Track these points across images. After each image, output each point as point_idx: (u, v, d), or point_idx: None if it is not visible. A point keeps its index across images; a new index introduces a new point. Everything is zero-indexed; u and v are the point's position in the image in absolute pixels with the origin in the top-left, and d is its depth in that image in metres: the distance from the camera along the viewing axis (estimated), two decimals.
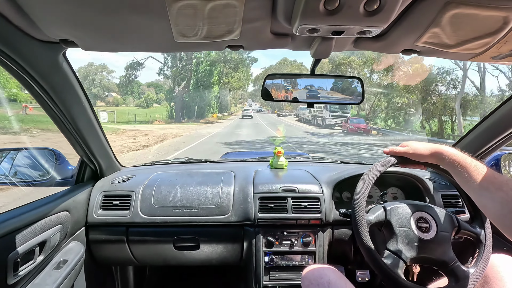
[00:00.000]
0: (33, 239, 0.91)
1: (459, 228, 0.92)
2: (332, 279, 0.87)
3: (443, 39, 0.72)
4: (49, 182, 1.24)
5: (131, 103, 52.39)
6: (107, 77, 55.06)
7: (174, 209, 1.24)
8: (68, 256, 1.09)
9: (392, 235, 0.90)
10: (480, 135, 1.25)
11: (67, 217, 1.10)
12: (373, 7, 0.54)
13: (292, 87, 1.02)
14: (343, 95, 1.04)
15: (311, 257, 1.25)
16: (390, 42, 0.77)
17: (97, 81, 52.02)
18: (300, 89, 1.01)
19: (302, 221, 1.24)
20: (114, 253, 1.30)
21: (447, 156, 0.79)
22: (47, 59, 0.83)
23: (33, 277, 0.95)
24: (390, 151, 0.93)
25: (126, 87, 40.93)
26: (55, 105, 0.96)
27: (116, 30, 0.70)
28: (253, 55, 40.03)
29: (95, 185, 1.32)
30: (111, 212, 1.25)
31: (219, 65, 32.19)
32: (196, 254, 1.30)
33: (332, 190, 1.31)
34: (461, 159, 0.76)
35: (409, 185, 1.39)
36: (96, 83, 51.69)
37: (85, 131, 1.12)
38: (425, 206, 0.96)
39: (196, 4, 0.59)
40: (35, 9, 0.63)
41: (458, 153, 0.79)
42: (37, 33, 0.73)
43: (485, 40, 0.71)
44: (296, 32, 0.64)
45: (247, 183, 1.34)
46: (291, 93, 1.01)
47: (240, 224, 1.25)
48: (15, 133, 10.83)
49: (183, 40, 0.74)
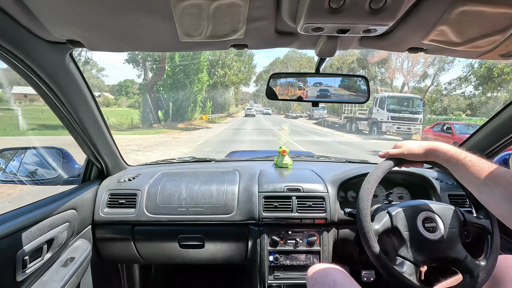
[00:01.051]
0: (41, 236, 0.92)
1: (465, 222, 0.91)
2: (337, 279, 0.87)
3: (451, 37, 0.71)
4: (57, 180, 1.26)
5: (123, 103, 46.00)
6: (97, 75, 50.22)
7: (179, 208, 1.25)
8: (75, 254, 1.11)
9: (401, 241, 0.89)
10: (488, 135, 1.23)
11: (74, 215, 1.12)
12: (378, 5, 0.54)
13: (303, 84, 1.01)
14: (350, 93, 1.04)
15: (316, 257, 1.24)
16: (396, 40, 0.76)
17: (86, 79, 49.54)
18: (310, 87, 1.01)
19: (307, 220, 1.24)
20: (120, 251, 1.31)
21: (441, 153, 0.78)
22: (54, 59, 0.84)
23: (41, 274, 0.96)
24: (385, 154, 0.91)
25: (120, 87, 36.74)
26: (62, 104, 0.97)
27: (122, 30, 0.71)
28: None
29: (102, 184, 1.34)
30: (117, 210, 1.26)
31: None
32: (201, 253, 1.30)
33: (337, 189, 1.30)
34: (455, 154, 0.76)
35: (415, 184, 1.37)
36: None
37: (92, 130, 1.14)
38: (429, 204, 0.95)
39: (200, 3, 0.59)
40: (43, 10, 0.64)
41: (453, 148, 0.78)
42: (45, 33, 0.74)
43: (494, 38, 0.69)
44: (301, 30, 0.64)
45: (251, 182, 1.34)
46: (304, 91, 1.00)
47: (244, 223, 1.26)
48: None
49: (188, 40, 0.75)
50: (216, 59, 25.67)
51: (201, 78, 20.60)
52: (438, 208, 0.94)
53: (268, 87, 1.00)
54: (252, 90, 62.46)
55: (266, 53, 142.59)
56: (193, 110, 22.02)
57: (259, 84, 56.83)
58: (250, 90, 64.07)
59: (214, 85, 26.51)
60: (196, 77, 20.14)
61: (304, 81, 1.01)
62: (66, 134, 1.13)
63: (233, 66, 26.28)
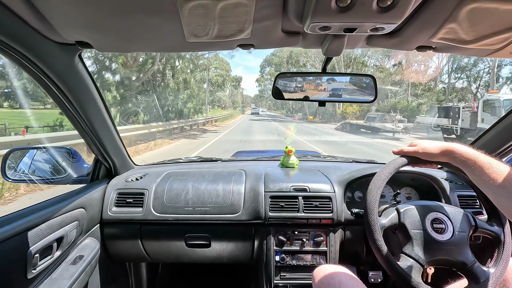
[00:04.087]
0: (51, 235, 0.94)
1: (476, 227, 0.89)
2: (343, 280, 0.86)
3: (460, 34, 0.70)
4: (66, 180, 1.28)
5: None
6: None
7: (186, 207, 1.26)
8: (84, 252, 1.13)
9: (407, 238, 0.88)
10: (498, 134, 1.21)
11: (83, 214, 1.14)
12: (386, 3, 0.53)
13: (310, 84, 1.00)
14: (358, 93, 1.03)
15: (322, 257, 1.24)
16: (404, 38, 0.75)
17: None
18: (317, 86, 1.00)
19: (313, 220, 1.23)
20: (128, 250, 1.33)
21: (458, 154, 0.76)
22: (63, 60, 0.86)
23: (51, 272, 0.98)
24: (400, 151, 0.90)
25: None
26: (72, 105, 0.99)
27: (130, 31, 0.72)
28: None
29: (110, 183, 1.36)
30: (125, 209, 1.28)
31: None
32: (208, 252, 1.31)
33: (344, 189, 1.29)
34: (473, 156, 0.73)
35: (424, 185, 1.35)
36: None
37: (100, 130, 1.15)
38: (440, 206, 0.94)
39: (207, 4, 0.60)
40: (53, 12, 0.65)
41: (470, 150, 0.76)
42: (54, 35, 0.75)
43: (505, 35, 0.68)
44: (308, 30, 0.63)
45: (258, 182, 1.34)
46: (311, 90, 0.99)
47: (251, 222, 1.26)
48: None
49: (195, 40, 0.75)
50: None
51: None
52: (449, 210, 0.92)
53: (274, 86, 1.00)
54: (253, 93, 61.74)
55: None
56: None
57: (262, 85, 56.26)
58: (251, 93, 63.30)
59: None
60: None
61: (310, 81, 1.01)
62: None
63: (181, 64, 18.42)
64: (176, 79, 18.25)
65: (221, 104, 48.94)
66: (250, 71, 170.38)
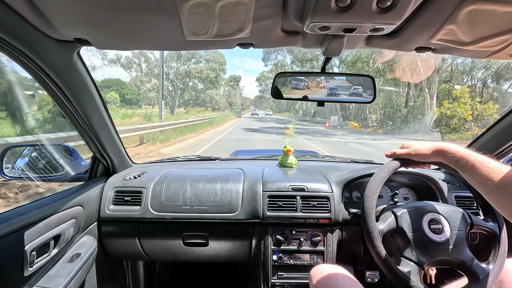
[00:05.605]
0: (48, 232, 0.94)
1: (472, 224, 0.90)
2: (340, 279, 0.87)
3: (459, 36, 0.70)
4: (64, 177, 1.27)
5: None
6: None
7: (183, 206, 1.26)
8: (81, 250, 1.12)
9: (406, 242, 0.89)
10: (497, 135, 1.21)
11: (81, 212, 1.13)
12: (386, 3, 0.53)
13: (309, 83, 1.01)
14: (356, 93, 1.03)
15: (319, 257, 1.24)
16: (404, 39, 0.76)
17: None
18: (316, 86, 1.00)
19: (311, 220, 1.24)
20: (125, 248, 1.33)
21: (450, 154, 0.77)
22: (62, 57, 0.85)
23: (48, 269, 0.98)
24: (392, 154, 0.91)
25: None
26: (70, 102, 0.99)
27: (129, 29, 0.72)
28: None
29: (107, 181, 1.35)
30: (123, 207, 1.27)
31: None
32: (205, 251, 1.31)
33: (342, 189, 1.30)
34: (464, 154, 0.74)
35: (421, 185, 1.36)
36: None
37: (98, 128, 1.15)
38: (435, 205, 0.94)
39: (207, 2, 0.59)
40: (51, 9, 0.65)
41: (462, 149, 0.76)
42: (53, 32, 0.75)
43: (504, 37, 0.68)
44: (307, 30, 0.63)
45: (256, 181, 1.34)
46: (310, 89, 1.00)
47: (248, 222, 1.26)
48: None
49: (194, 39, 0.75)
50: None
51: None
52: (444, 210, 0.93)
53: (273, 86, 1.00)
54: (253, 96, 61.59)
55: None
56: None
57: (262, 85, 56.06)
58: (252, 96, 63.12)
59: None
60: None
61: (309, 80, 1.01)
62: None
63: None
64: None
65: (213, 105, 40.71)
66: (250, 73, 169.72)
